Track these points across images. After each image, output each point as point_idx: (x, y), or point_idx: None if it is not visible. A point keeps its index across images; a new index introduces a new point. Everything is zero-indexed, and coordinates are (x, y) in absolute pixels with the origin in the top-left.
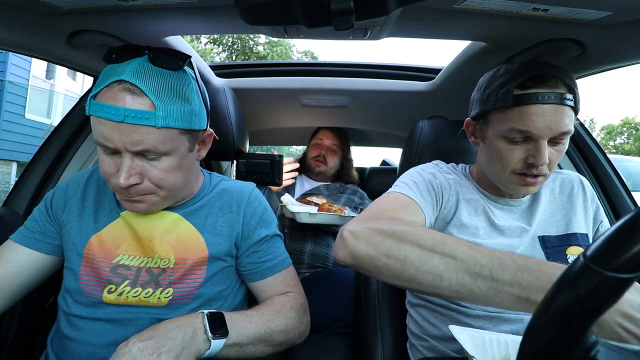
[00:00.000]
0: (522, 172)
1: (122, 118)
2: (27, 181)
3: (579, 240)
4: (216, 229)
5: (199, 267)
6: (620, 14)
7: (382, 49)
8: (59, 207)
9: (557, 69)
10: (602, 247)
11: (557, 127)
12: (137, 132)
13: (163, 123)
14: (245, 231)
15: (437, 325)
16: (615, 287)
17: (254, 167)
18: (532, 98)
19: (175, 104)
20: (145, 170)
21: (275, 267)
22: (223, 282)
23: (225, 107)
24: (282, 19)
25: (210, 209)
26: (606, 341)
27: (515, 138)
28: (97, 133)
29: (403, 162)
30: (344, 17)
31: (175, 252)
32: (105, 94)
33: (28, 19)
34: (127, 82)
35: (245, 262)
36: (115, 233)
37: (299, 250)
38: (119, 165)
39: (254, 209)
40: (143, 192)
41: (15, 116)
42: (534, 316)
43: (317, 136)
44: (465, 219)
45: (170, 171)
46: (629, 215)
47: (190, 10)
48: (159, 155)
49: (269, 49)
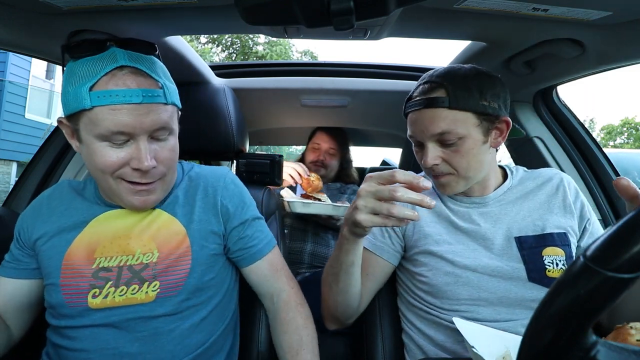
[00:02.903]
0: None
1: (141, 99)
2: (27, 181)
3: (555, 241)
4: (194, 215)
5: (184, 256)
6: (620, 14)
7: (382, 49)
8: (27, 231)
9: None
10: (602, 247)
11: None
12: (153, 110)
13: (170, 99)
14: (224, 215)
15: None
16: (615, 287)
17: (254, 167)
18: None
19: (170, 83)
20: (157, 152)
21: (262, 250)
22: (210, 270)
23: (225, 107)
24: (282, 19)
25: (185, 196)
26: (606, 341)
27: (415, 144)
28: (106, 125)
29: (403, 162)
30: (344, 17)
31: (158, 244)
32: (110, 81)
33: (28, 19)
34: (129, 67)
35: (233, 249)
36: (90, 239)
37: (299, 250)
38: (131, 154)
39: (231, 191)
40: (157, 177)
41: (15, 116)
42: (534, 316)
43: (314, 140)
44: (427, 229)
45: (174, 150)
46: (629, 215)
47: (190, 10)
48: (167, 134)
49: (268, 49)
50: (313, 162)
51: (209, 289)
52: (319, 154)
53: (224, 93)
